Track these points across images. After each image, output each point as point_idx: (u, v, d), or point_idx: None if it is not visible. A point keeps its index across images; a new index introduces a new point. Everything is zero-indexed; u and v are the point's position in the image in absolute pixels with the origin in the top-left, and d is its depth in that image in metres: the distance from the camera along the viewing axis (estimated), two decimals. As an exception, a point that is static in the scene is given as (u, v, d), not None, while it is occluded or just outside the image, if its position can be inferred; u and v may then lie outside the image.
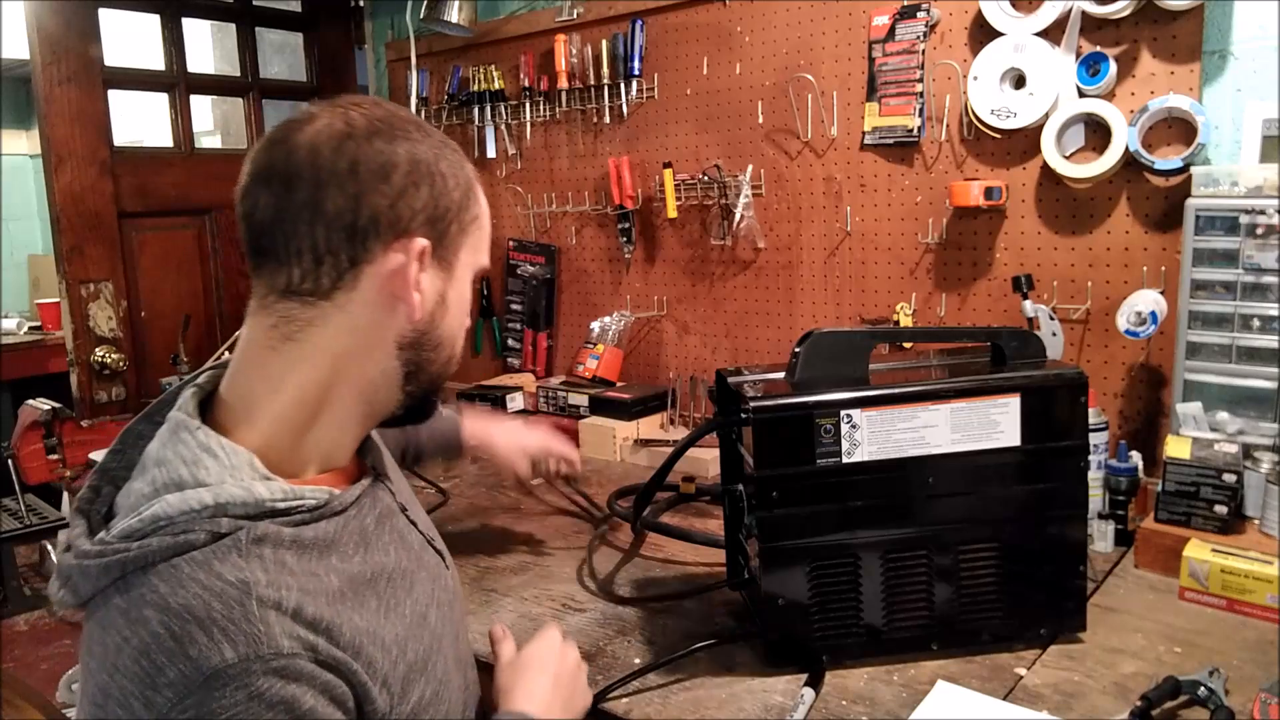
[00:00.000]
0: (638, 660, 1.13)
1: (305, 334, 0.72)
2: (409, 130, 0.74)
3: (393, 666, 0.72)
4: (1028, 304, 1.59)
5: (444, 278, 0.76)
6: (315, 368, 0.73)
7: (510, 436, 1.49)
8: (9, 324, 4.27)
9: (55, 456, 2.24)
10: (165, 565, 0.64)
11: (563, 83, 2.23)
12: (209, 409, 0.75)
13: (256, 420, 0.73)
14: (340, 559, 0.73)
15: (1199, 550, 1.21)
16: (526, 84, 2.31)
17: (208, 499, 0.66)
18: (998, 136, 1.65)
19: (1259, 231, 1.31)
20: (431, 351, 0.77)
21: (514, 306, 2.49)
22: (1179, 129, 1.49)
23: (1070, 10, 1.54)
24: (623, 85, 2.15)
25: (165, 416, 0.73)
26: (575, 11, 2.22)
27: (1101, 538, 1.36)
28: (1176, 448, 1.31)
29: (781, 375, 1.16)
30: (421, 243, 0.73)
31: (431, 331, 0.77)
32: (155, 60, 2.57)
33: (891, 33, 1.76)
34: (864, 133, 1.83)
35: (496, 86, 2.39)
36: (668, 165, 2.08)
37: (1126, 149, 1.50)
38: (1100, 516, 1.37)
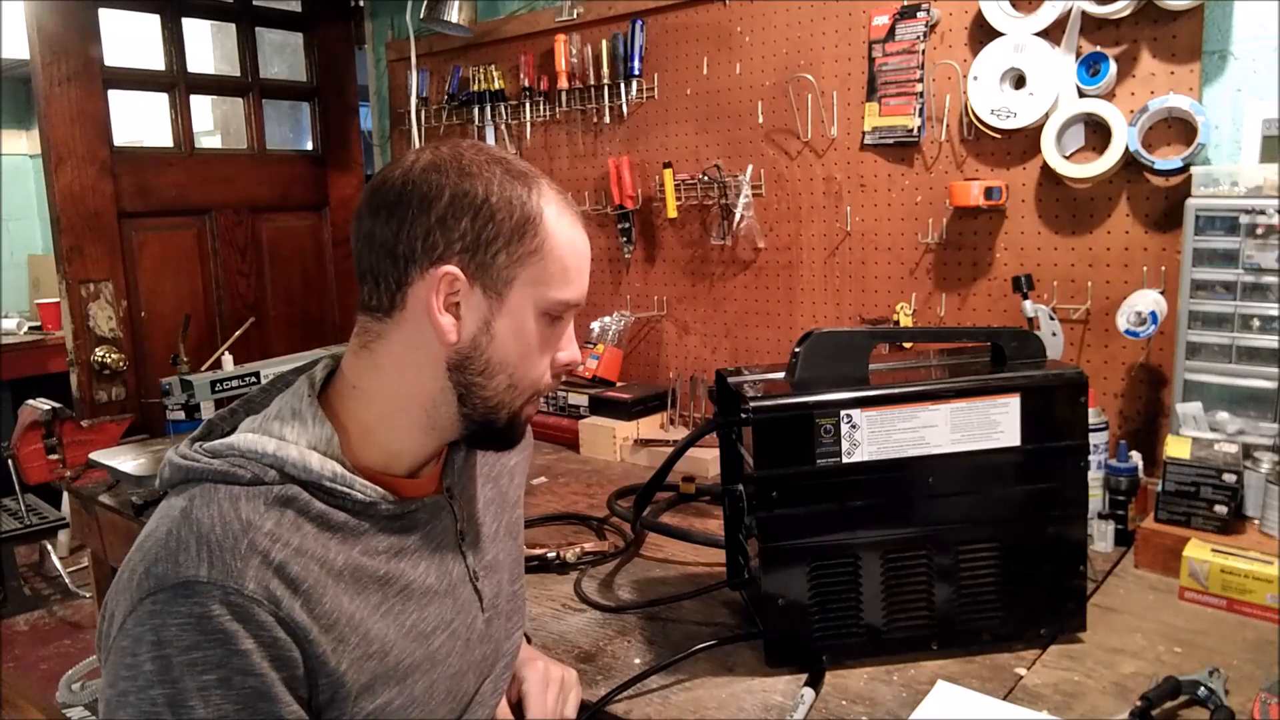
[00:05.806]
0: (638, 661, 1.13)
1: (376, 345, 0.81)
2: (474, 167, 0.78)
3: (364, 658, 0.75)
4: (1028, 304, 1.59)
5: (490, 306, 0.79)
6: (382, 375, 0.81)
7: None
8: (9, 324, 4.27)
9: (55, 456, 2.23)
10: (211, 485, 0.74)
11: (563, 83, 2.23)
12: (332, 379, 0.85)
13: (349, 406, 0.82)
14: (362, 551, 0.78)
15: (1199, 550, 1.21)
16: (526, 84, 2.31)
17: (270, 449, 0.76)
18: (998, 136, 1.65)
19: (1259, 231, 1.31)
20: (479, 377, 0.80)
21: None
22: (1179, 129, 1.49)
23: (1070, 10, 1.54)
24: (623, 85, 2.15)
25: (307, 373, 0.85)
26: (575, 11, 2.22)
27: (1101, 538, 1.36)
28: (1176, 448, 1.31)
29: (781, 375, 1.16)
30: (447, 269, 0.76)
31: (475, 357, 0.79)
32: (155, 60, 2.56)
33: (891, 33, 1.76)
34: (864, 133, 1.83)
35: (496, 86, 2.39)
36: (668, 165, 2.08)
37: (1126, 149, 1.50)
38: (1100, 516, 1.37)
